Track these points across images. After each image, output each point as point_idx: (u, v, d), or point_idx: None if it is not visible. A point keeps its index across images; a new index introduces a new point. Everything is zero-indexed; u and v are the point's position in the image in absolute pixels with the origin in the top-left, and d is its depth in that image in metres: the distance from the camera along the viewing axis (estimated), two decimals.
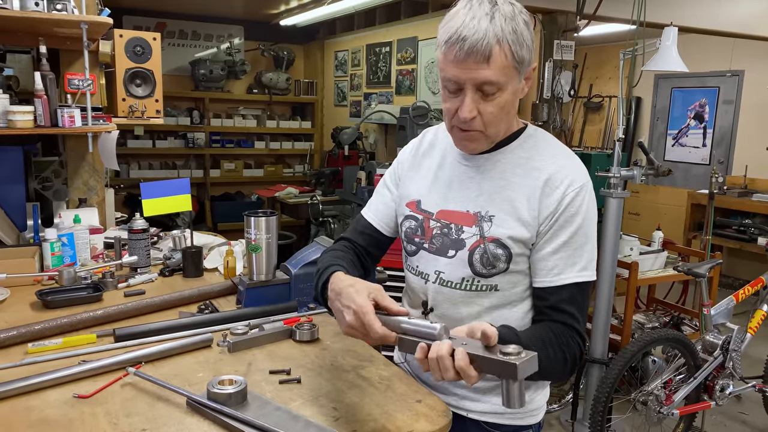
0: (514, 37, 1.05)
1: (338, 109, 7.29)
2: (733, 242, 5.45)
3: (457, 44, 1.05)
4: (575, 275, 1.14)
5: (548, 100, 3.83)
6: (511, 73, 1.07)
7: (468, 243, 1.19)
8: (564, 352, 1.13)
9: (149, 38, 2.50)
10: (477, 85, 1.08)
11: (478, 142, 1.17)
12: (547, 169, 1.16)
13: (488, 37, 1.03)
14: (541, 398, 1.30)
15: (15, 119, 2.09)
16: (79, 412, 1.16)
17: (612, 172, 2.94)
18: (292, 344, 1.52)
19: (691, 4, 4.14)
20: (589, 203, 1.16)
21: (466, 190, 1.22)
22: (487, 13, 1.04)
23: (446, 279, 1.23)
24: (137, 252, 2.06)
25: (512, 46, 1.05)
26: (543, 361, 1.07)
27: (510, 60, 1.06)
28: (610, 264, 2.98)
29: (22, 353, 1.42)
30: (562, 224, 1.14)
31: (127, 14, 6.27)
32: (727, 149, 6.18)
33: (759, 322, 3.07)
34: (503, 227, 1.16)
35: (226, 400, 1.16)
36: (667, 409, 2.73)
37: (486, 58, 1.04)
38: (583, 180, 1.16)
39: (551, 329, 1.14)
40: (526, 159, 1.18)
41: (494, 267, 1.18)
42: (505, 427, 1.26)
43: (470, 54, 1.04)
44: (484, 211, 1.19)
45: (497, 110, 1.10)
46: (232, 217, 6.46)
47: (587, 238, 1.16)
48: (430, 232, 1.25)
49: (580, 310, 1.16)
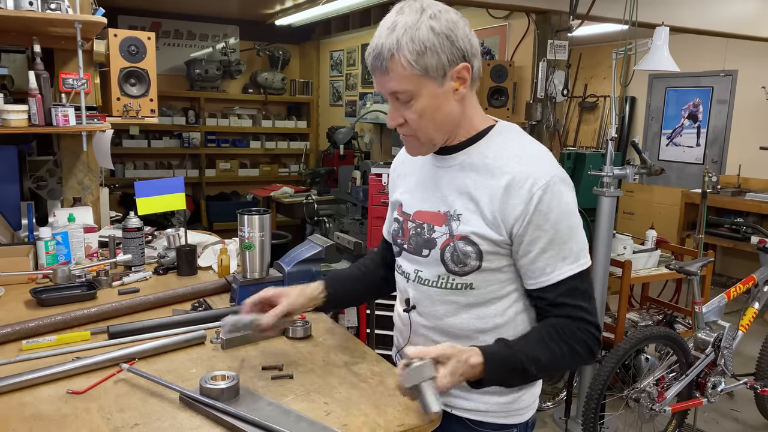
0: (411, 46, 1.08)
1: (333, 109, 7.30)
2: (726, 241, 5.48)
3: (367, 60, 1.15)
4: (569, 269, 1.15)
5: (542, 99, 3.84)
6: (417, 81, 1.11)
7: (439, 242, 1.22)
8: (570, 344, 1.14)
9: (144, 38, 2.51)
10: (391, 95, 1.15)
11: (417, 147, 1.21)
12: (510, 168, 1.15)
13: (384, 52, 1.10)
14: (528, 398, 1.28)
15: (9, 118, 2.09)
16: (73, 408, 1.18)
17: (605, 171, 2.96)
18: (285, 341, 1.53)
19: (683, 4, 4.17)
20: (562, 197, 1.14)
21: (437, 190, 1.24)
22: (389, 27, 1.10)
23: (423, 277, 1.26)
24: (132, 250, 2.07)
25: (410, 56, 1.08)
26: (545, 359, 1.14)
27: (409, 69, 1.09)
28: (603, 262, 3.00)
29: (16, 350, 1.43)
30: (538, 224, 1.13)
31: (122, 14, 6.27)
32: (721, 149, 6.21)
33: (750, 319, 3.09)
34: (469, 225, 1.18)
35: (219, 395, 1.17)
36: (660, 406, 2.75)
37: (386, 70, 1.11)
38: (548, 176, 1.13)
39: (552, 325, 1.16)
40: (491, 158, 1.18)
41: (465, 264, 1.19)
42: (489, 425, 1.26)
43: (375, 68, 1.13)
44: (452, 210, 1.20)
45: (417, 116, 1.14)
46: (228, 217, 6.46)
47: (571, 230, 1.15)
48: (408, 232, 1.29)
49: (585, 298, 1.17)
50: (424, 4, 1.11)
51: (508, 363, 1.12)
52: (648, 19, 3.42)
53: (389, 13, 1.13)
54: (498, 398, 1.24)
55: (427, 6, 1.11)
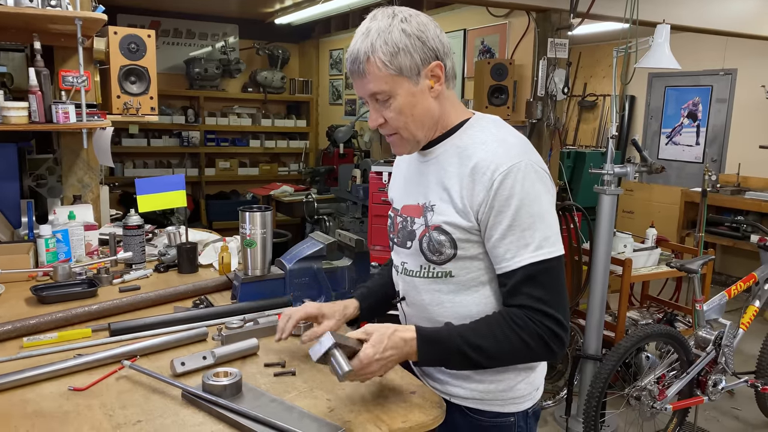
0: (385, 48, 1.14)
1: (333, 108, 7.29)
2: (725, 239, 5.49)
3: (347, 64, 1.21)
4: (530, 256, 1.14)
5: (542, 97, 3.84)
6: (393, 81, 1.16)
7: (417, 233, 1.27)
8: (520, 335, 1.14)
9: (144, 35, 2.50)
10: (370, 96, 1.20)
11: (401, 145, 1.26)
12: (476, 155, 1.18)
13: (360, 56, 1.16)
14: (525, 386, 1.28)
15: (9, 115, 2.09)
16: (75, 405, 1.17)
17: (605, 169, 2.95)
18: (288, 338, 1.52)
19: (683, 3, 4.16)
20: (525, 183, 1.14)
21: (418, 184, 1.30)
22: (363, 32, 1.17)
23: (408, 269, 1.32)
24: (132, 248, 2.07)
25: (384, 57, 1.14)
26: (489, 346, 1.15)
27: (384, 70, 1.15)
28: (603, 261, 3.00)
29: (17, 347, 1.42)
30: (499, 209, 1.14)
31: (121, 12, 6.26)
32: (720, 147, 6.21)
33: (751, 317, 3.09)
34: (442, 215, 1.22)
35: (221, 392, 1.17)
36: (661, 404, 2.74)
37: (363, 73, 1.17)
38: (511, 162, 1.15)
39: (501, 312, 1.18)
40: (462, 148, 1.22)
41: (441, 253, 1.23)
42: (487, 412, 1.28)
43: (353, 72, 1.19)
44: (428, 202, 1.26)
45: (396, 114, 1.20)
46: (227, 216, 6.46)
47: (534, 218, 1.14)
48: (396, 227, 1.35)
49: (547, 289, 1.15)
50: (395, 10, 1.18)
51: (442, 342, 1.15)
52: (647, 18, 3.42)
53: (364, 20, 1.20)
54: (489, 386, 1.27)
55: (398, 11, 1.18)
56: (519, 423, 1.30)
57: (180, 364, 1.30)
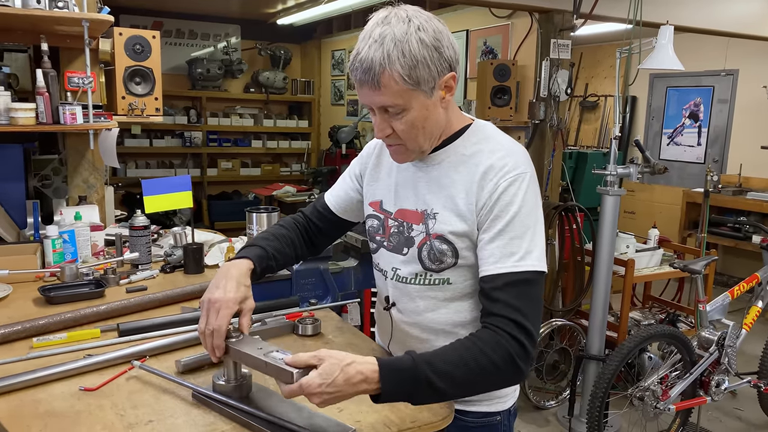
0: (403, 60, 1.06)
1: (335, 108, 7.30)
2: (728, 240, 5.49)
3: (354, 72, 1.11)
4: (512, 264, 1.11)
5: (545, 98, 3.84)
6: (408, 95, 1.10)
7: (417, 240, 1.24)
8: (492, 358, 1.04)
9: (149, 36, 2.51)
10: (380, 108, 1.13)
11: (405, 154, 1.21)
12: (485, 162, 1.17)
13: (375, 67, 1.07)
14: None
15: (17, 116, 2.10)
16: (86, 405, 1.18)
17: (608, 169, 2.96)
18: (295, 338, 1.54)
19: (686, 4, 4.17)
20: (527, 193, 1.14)
21: (416, 189, 1.26)
22: (377, 40, 1.07)
23: (401, 275, 1.28)
24: (138, 249, 2.08)
25: (402, 70, 1.07)
26: (460, 374, 1.03)
27: (402, 84, 1.08)
28: (606, 261, 3.01)
29: (27, 348, 1.43)
30: (497, 213, 1.14)
31: (124, 13, 6.27)
32: (722, 148, 6.22)
33: (754, 318, 3.10)
34: (445, 223, 1.19)
35: (232, 392, 1.18)
36: (664, 405, 2.75)
37: (377, 85, 1.08)
38: (518, 170, 1.15)
39: (475, 338, 1.08)
40: (468, 156, 1.20)
41: (442, 262, 1.21)
42: (473, 413, 1.29)
43: (363, 82, 1.10)
44: (429, 209, 1.22)
45: (407, 127, 1.14)
46: (230, 216, 6.47)
47: (526, 228, 1.13)
48: (389, 230, 1.30)
49: (522, 300, 1.09)
50: (408, 14, 1.10)
51: (408, 374, 1.01)
52: (649, 18, 3.42)
53: (372, 21, 1.11)
54: None
55: (412, 15, 1.09)
56: (504, 421, 1.32)
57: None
